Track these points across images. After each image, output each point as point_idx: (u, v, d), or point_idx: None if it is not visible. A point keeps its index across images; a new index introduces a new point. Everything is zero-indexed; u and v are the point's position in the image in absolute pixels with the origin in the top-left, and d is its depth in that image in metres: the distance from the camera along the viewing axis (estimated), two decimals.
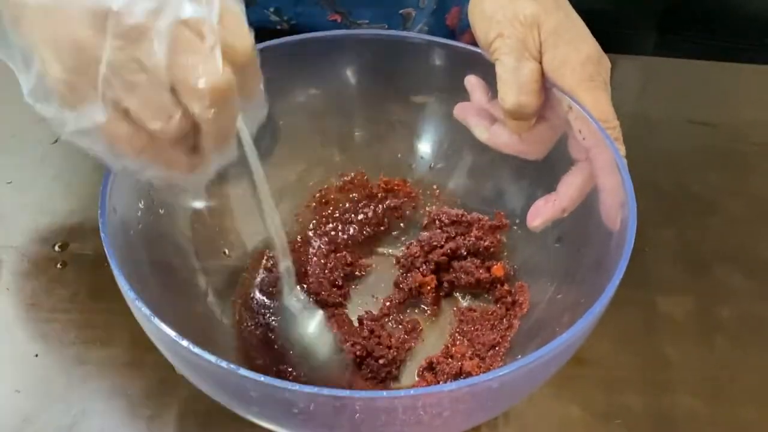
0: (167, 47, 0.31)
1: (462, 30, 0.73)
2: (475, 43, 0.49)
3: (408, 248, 0.56)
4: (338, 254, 0.57)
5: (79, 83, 0.32)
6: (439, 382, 0.49)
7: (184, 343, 0.34)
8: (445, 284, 0.55)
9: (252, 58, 0.34)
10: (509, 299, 0.53)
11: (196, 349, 0.33)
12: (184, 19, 0.31)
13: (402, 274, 0.56)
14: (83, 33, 0.31)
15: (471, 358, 0.50)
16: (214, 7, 0.32)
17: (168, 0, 0.31)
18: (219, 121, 0.33)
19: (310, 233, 0.58)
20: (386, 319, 0.54)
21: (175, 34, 0.31)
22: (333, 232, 0.58)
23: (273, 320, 0.52)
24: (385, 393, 0.33)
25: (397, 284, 0.55)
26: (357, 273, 0.57)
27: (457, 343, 0.52)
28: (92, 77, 0.32)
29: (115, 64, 0.31)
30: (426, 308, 0.55)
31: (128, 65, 0.31)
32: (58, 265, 0.56)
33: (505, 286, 0.54)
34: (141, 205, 0.45)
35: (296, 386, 0.32)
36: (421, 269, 0.55)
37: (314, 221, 0.58)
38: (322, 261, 0.56)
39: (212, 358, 0.33)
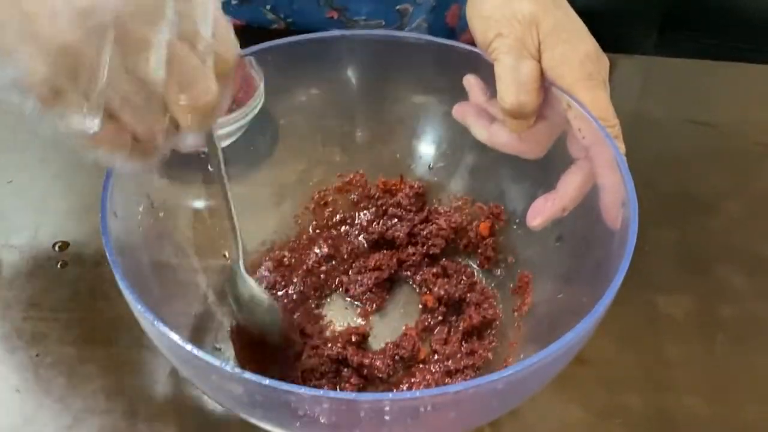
0: (164, 63, 0.31)
1: (462, 29, 0.73)
2: (475, 43, 0.49)
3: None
4: (338, 257, 0.57)
5: (62, 86, 0.31)
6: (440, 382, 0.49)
7: (189, 347, 0.34)
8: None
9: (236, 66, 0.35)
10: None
11: (201, 353, 0.33)
12: (180, 34, 0.31)
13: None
14: (73, 35, 0.30)
15: None
16: (208, 20, 0.32)
17: (164, 12, 0.31)
18: (201, 128, 0.35)
19: (310, 232, 0.58)
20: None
21: (172, 49, 0.31)
22: (333, 234, 0.58)
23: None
24: (390, 395, 0.33)
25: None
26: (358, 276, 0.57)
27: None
28: (80, 82, 0.31)
29: (110, 73, 0.30)
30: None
31: (123, 75, 0.31)
32: (58, 265, 0.56)
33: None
34: (141, 209, 0.45)
35: (301, 389, 0.32)
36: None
37: (314, 223, 0.58)
38: (323, 267, 0.56)
39: (216, 362, 0.33)
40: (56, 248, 0.58)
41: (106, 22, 0.30)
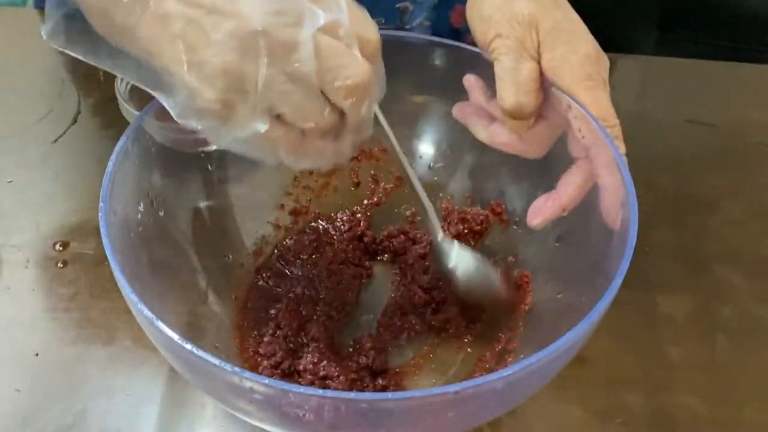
0: (313, 56, 0.34)
1: (468, 30, 0.73)
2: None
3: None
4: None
5: (232, 101, 0.35)
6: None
7: (188, 346, 0.34)
8: None
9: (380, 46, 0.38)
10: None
11: (200, 353, 0.33)
12: (321, 26, 0.34)
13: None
14: (230, 56, 0.33)
15: None
16: (343, 8, 0.35)
17: (302, 12, 0.34)
18: (363, 110, 0.38)
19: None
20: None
21: (317, 42, 0.34)
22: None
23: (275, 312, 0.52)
24: (390, 395, 0.33)
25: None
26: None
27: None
28: (244, 93, 0.34)
29: (267, 80, 0.34)
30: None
31: (279, 78, 0.34)
32: (59, 265, 0.56)
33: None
34: (141, 208, 0.45)
35: (301, 389, 0.32)
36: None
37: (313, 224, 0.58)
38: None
39: (215, 361, 0.33)
40: (57, 247, 0.58)
41: (255, 37, 0.33)
